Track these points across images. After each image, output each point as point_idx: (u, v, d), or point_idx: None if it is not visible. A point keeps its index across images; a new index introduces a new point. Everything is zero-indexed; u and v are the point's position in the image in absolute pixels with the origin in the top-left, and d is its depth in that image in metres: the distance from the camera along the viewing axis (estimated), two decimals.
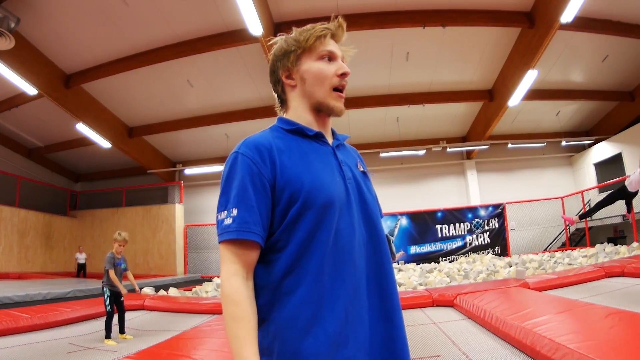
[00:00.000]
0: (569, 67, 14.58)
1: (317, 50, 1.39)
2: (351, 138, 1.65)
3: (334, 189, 1.26)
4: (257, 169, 1.23)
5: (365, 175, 1.46)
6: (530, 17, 11.47)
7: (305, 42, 1.38)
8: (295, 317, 1.17)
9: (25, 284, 11.56)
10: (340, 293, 1.20)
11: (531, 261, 11.93)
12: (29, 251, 16.34)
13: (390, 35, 12.27)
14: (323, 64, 1.38)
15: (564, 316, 4.57)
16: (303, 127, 1.37)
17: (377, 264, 1.31)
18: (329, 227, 1.21)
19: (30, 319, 7.00)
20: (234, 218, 1.19)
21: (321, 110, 1.41)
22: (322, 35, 1.38)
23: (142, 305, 9.42)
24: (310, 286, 1.18)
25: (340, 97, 1.40)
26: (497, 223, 17.02)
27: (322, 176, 1.27)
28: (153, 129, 17.07)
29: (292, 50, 1.40)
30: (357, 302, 1.22)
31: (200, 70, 13.31)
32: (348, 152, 1.50)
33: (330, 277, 1.19)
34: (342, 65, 1.40)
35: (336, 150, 1.41)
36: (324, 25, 1.40)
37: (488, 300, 6.08)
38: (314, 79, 1.38)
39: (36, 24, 10.71)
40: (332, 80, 1.38)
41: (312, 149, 1.35)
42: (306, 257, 1.19)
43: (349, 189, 1.32)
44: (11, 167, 17.21)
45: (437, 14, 11.35)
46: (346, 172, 1.35)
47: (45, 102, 13.35)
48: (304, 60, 1.40)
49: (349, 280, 1.22)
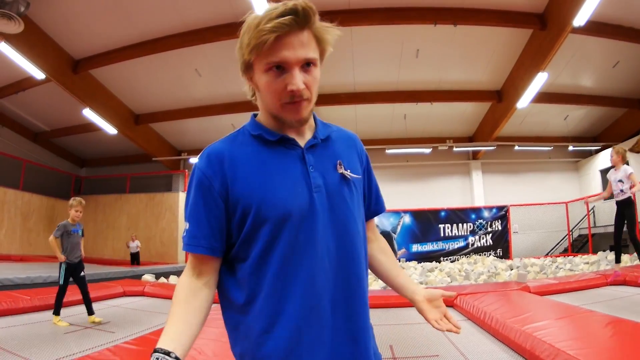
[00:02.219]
0: (579, 72, 14.48)
1: (264, 57, 1.16)
2: (357, 133, 1.53)
3: (291, 201, 1.18)
4: (209, 183, 1.22)
5: (345, 178, 1.30)
6: (543, 19, 11.38)
7: (251, 49, 1.16)
8: (251, 329, 1.19)
9: (27, 266, 11.61)
10: (293, 310, 1.17)
11: (532, 265, 11.90)
12: (31, 234, 16.41)
13: (401, 31, 12.20)
14: (270, 76, 1.17)
15: (564, 322, 4.54)
16: (265, 133, 1.27)
17: (345, 280, 1.24)
18: (285, 242, 1.17)
19: (30, 300, 7.05)
20: (186, 231, 1.25)
21: (279, 120, 1.26)
22: (264, 39, 1.12)
23: (142, 292, 9.44)
24: (263, 300, 1.18)
25: (295, 109, 1.20)
26: (500, 225, 16.97)
27: (278, 189, 1.20)
28: (159, 117, 17.09)
29: (241, 55, 1.23)
30: (315, 320, 1.18)
31: (209, 59, 13.28)
32: (328, 150, 1.33)
33: (283, 293, 1.17)
34: (293, 80, 1.15)
35: (307, 152, 1.27)
36: (272, 23, 1.11)
37: (489, 302, 6.05)
38: (264, 93, 1.22)
39: (46, 8, 10.69)
40: (281, 96, 1.18)
41: (274, 156, 1.25)
42: (262, 271, 1.18)
43: (315, 199, 1.22)
44: (17, 150, 17.25)
45: (448, 11, 11.28)
46: (314, 179, 1.24)
47: (52, 86, 13.33)
48: (255, 67, 1.21)
49: (304, 297, 1.17)
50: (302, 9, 1.12)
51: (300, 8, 1.12)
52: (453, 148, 18.31)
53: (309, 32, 1.17)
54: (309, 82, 1.19)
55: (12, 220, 15.58)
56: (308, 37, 1.17)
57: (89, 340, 5.29)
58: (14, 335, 5.35)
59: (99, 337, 5.42)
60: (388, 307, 7.42)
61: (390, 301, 7.52)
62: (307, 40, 1.16)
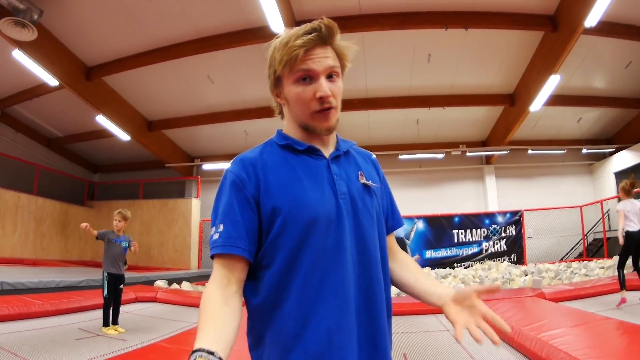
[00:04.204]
0: (591, 73, 14.36)
1: (294, 70, 1.27)
2: (370, 139, 1.59)
3: (320, 205, 1.24)
4: (242, 185, 1.27)
5: (367, 187, 1.38)
6: (554, 20, 11.29)
7: (282, 64, 1.27)
8: (279, 335, 1.20)
9: (40, 270, 11.69)
10: (324, 314, 1.19)
11: (547, 270, 11.80)
12: (44, 239, 16.51)
13: (412, 36, 12.17)
14: (300, 87, 1.28)
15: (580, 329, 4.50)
16: (293, 143, 1.36)
17: (368, 285, 1.28)
18: (314, 246, 1.21)
19: (42, 305, 7.09)
20: (220, 233, 1.23)
21: (308, 130, 1.35)
22: (296, 54, 1.25)
23: (154, 298, 9.48)
24: (293, 304, 1.19)
25: (325, 117, 1.31)
26: (514, 230, 16.85)
27: (308, 193, 1.26)
28: (172, 124, 17.14)
29: (274, 70, 1.33)
30: (345, 324, 1.20)
31: (221, 66, 13.33)
32: (350, 162, 1.43)
33: (314, 297, 1.19)
34: (321, 87, 1.27)
35: (332, 162, 1.36)
36: (301, 39, 1.25)
37: (503, 309, 6.01)
38: (294, 104, 1.32)
39: (59, 16, 10.79)
40: (310, 104, 1.29)
41: (303, 163, 1.33)
42: (290, 275, 1.21)
43: (341, 205, 1.28)
44: (30, 156, 17.37)
45: (459, 15, 11.22)
46: (340, 186, 1.31)
47: (66, 93, 13.43)
48: (284, 81, 1.32)
49: (334, 302, 1.20)
50: (325, 27, 1.27)
51: (324, 26, 1.27)
52: (466, 153, 18.23)
53: (331, 47, 1.31)
54: (334, 90, 1.30)
55: (25, 225, 15.69)
56: (331, 51, 1.30)
57: (100, 347, 5.30)
58: (26, 340, 5.38)
59: (110, 344, 5.43)
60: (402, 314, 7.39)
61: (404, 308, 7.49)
62: (330, 54, 1.29)
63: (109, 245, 6.42)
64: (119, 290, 6.49)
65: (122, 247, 6.51)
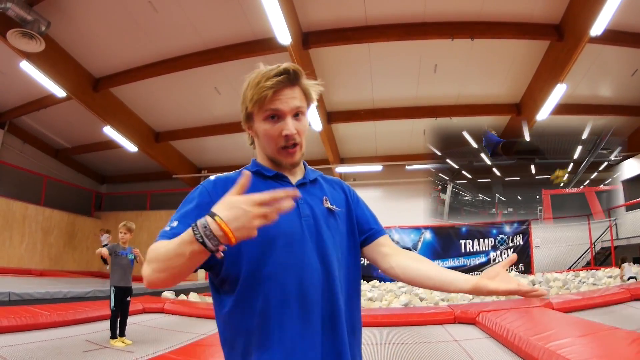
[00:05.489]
0: (597, 82, 14.31)
1: (263, 109, 1.40)
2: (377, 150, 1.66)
3: (281, 225, 1.26)
4: (209, 199, 1.37)
5: (331, 211, 1.51)
6: (559, 29, 11.28)
7: (253, 103, 1.40)
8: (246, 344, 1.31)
9: (47, 281, 11.73)
10: (288, 326, 1.29)
11: (555, 280, 11.75)
12: (52, 249, 16.58)
13: (418, 46, 12.18)
14: (268, 124, 1.42)
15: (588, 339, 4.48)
16: (262, 169, 1.50)
17: (330, 299, 1.37)
18: (275, 262, 1.32)
19: (49, 316, 7.09)
20: (172, 227, 1.30)
21: (275, 162, 1.49)
22: (265, 94, 1.37)
23: (161, 309, 9.48)
24: (257, 316, 1.29)
25: (289, 154, 1.45)
26: (521, 240, 16.77)
27: None
28: (180, 135, 17.19)
29: (246, 107, 1.45)
30: (308, 335, 1.30)
31: (228, 77, 13.36)
32: (315, 188, 1.56)
33: (276, 311, 1.29)
34: (287, 126, 1.40)
35: (298, 189, 1.41)
36: (270, 81, 1.36)
37: (511, 319, 5.98)
38: (262, 138, 1.46)
39: (66, 27, 10.87)
40: (278, 141, 1.42)
41: (269, 188, 1.31)
42: (252, 290, 1.31)
43: (303, 225, 1.40)
44: (38, 167, 17.46)
45: (465, 25, 11.24)
46: (303, 209, 1.43)
47: (73, 104, 13.50)
48: (255, 117, 1.45)
49: (297, 315, 1.30)
50: (293, 71, 1.40)
51: (292, 69, 1.40)
52: None
53: (299, 87, 1.44)
54: (299, 129, 1.43)
55: (33, 235, 15.76)
56: (298, 92, 1.43)
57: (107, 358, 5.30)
58: (33, 352, 5.38)
59: (117, 356, 5.43)
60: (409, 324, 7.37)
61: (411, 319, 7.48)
62: (297, 94, 1.42)
63: (116, 258, 6.43)
64: (126, 302, 6.49)
65: (128, 260, 6.53)
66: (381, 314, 7.97)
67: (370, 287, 13.00)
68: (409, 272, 1.49)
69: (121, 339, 6.21)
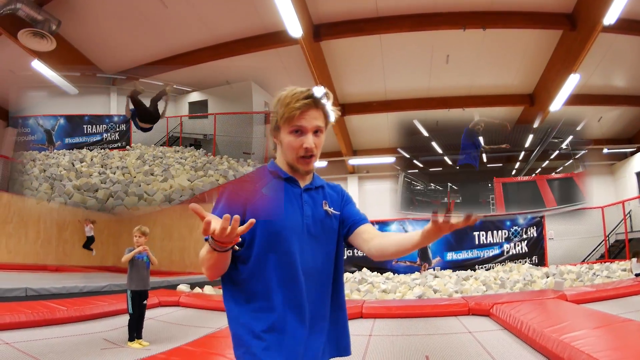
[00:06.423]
0: (611, 72, 14.18)
1: (290, 124, 1.70)
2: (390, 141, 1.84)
3: (288, 220, 1.71)
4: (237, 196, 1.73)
5: (327, 213, 1.84)
6: (572, 19, 11.17)
7: (282, 118, 1.71)
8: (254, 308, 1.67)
9: (63, 276, 11.81)
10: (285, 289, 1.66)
11: (569, 272, 11.68)
12: (67, 245, 16.67)
13: (430, 37, 12.13)
14: (292, 137, 1.72)
15: (603, 331, 4.46)
16: (279, 171, 1.82)
17: (316, 280, 1.75)
18: (280, 249, 1.66)
19: (67, 311, 7.12)
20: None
21: (292, 168, 1.80)
22: (294, 114, 1.68)
23: (177, 302, 9.54)
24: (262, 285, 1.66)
25: (306, 163, 1.76)
26: (535, 232, 16.65)
27: (280, 210, 1.71)
28: None
29: (275, 120, 1.76)
30: (300, 296, 1.67)
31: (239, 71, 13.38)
32: (319, 194, 1.88)
33: (277, 280, 1.66)
34: (307, 141, 1.71)
35: (304, 192, 1.81)
36: (299, 103, 1.67)
37: (525, 311, 5.95)
38: (285, 148, 1.76)
39: (77, 25, 10.94)
40: (298, 151, 1.73)
41: (284, 188, 1.78)
42: (261, 268, 1.66)
43: (304, 223, 1.75)
44: None
45: (477, 15, 11.17)
46: (306, 210, 1.78)
47: None
48: (282, 129, 1.75)
49: (291, 285, 1.66)
50: (317, 97, 1.72)
51: (317, 96, 1.72)
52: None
53: (321, 110, 1.75)
54: (317, 143, 1.75)
55: (47, 231, 15.85)
56: (320, 114, 1.75)
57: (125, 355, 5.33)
58: (52, 347, 5.42)
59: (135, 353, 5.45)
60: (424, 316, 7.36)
61: (425, 310, 7.47)
62: (319, 116, 1.74)
63: (132, 262, 6.40)
64: (143, 305, 6.47)
65: (144, 262, 6.49)
66: (395, 305, 7.96)
67: (384, 279, 12.96)
68: (380, 249, 1.77)
69: (138, 341, 6.22)
